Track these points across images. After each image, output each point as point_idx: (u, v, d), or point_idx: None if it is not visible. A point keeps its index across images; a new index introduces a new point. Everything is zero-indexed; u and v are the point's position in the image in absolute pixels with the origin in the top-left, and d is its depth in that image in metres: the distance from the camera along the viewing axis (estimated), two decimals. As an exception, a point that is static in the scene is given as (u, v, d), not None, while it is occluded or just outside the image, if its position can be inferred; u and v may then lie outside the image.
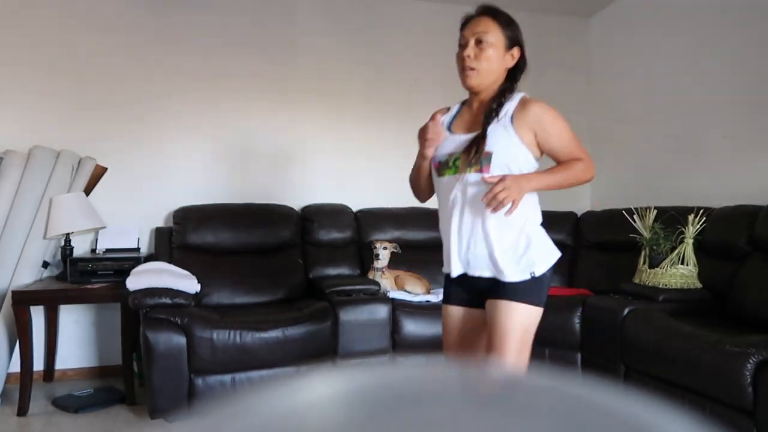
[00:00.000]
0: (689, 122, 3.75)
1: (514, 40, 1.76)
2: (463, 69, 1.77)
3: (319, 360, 2.94)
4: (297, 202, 3.91)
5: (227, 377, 2.77)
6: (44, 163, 3.30)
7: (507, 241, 1.69)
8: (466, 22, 1.81)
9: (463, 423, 0.25)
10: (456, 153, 1.74)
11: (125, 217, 3.64)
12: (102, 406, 3.01)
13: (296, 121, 4.02)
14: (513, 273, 1.67)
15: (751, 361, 2.15)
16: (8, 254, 3.18)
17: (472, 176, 1.69)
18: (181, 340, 2.68)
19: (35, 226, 3.25)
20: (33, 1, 3.55)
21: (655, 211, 3.26)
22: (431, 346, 3.12)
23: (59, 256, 3.39)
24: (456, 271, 1.75)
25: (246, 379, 2.80)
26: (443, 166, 1.77)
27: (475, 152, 1.68)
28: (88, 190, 3.48)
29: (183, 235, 3.50)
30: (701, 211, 3.13)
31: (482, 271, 1.72)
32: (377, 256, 3.47)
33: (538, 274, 1.68)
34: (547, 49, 4.44)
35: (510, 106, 1.72)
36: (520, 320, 1.67)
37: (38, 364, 3.42)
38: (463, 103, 1.91)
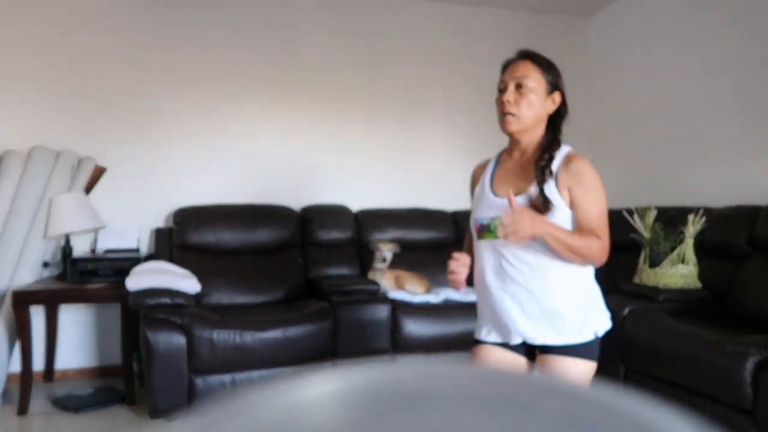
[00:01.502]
0: (689, 122, 3.75)
1: (554, 84, 1.72)
2: (503, 114, 1.67)
3: (319, 360, 2.94)
4: (297, 202, 3.91)
5: (227, 377, 2.77)
6: (44, 163, 3.30)
7: (566, 307, 1.59)
8: (506, 66, 1.73)
9: (463, 423, 0.25)
10: (499, 216, 1.59)
11: (125, 217, 3.64)
12: (102, 406, 3.01)
13: (296, 121, 4.02)
14: (574, 336, 1.60)
15: (751, 361, 2.15)
16: (8, 254, 3.18)
17: (519, 241, 1.56)
18: (181, 340, 2.68)
19: (35, 226, 3.25)
20: (33, 1, 3.55)
21: (655, 211, 3.26)
22: (431, 346, 3.12)
23: (59, 256, 3.39)
24: (509, 339, 1.64)
25: (246, 379, 2.80)
26: (484, 230, 1.67)
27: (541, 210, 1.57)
28: (88, 190, 3.48)
29: (183, 235, 3.50)
30: (701, 211, 3.13)
31: (537, 335, 1.61)
32: (384, 258, 3.44)
33: (600, 334, 1.63)
34: (547, 49, 4.42)
35: (556, 165, 1.62)
36: (578, 375, 1.61)
37: (38, 364, 3.42)
38: (501, 153, 1.82)
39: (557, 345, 1.60)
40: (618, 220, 3.51)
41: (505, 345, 1.67)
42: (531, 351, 1.68)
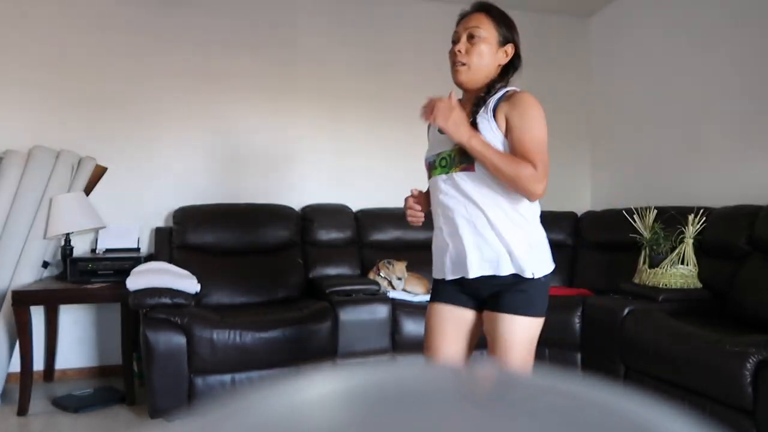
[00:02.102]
0: (689, 122, 3.75)
1: (508, 36, 1.69)
2: (454, 64, 1.70)
3: (319, 360, 2.94)
4: (297, 202, 3.91)
5: (227, 377, 2.77)
6: (44, 163, 3.30)
7: (517, 237, 1.61)
8: (461, 18, 1.75)
9: (463, 423, 0.25)
10: (443, 152, 1.69)
11: (125, 217, 3.64)
12: (102, 406, 3.01)
13: (296, 121, 4.02)
14: (507, 268, 1.60)
15: (751, 361, 2.15)
16: (8, 254, 3.18)
17: (459, 175, 1.63)
18: (181, 340, 2.68)
19: (35, 226, 3.25)
20: (33, 1, 3.55)
21: (655, 211, 3.26)
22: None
23: (59, 256, 3.39)
24: (449, 274, 1.69)
25: (246, 379, 2.80)
26: (432, 166, 1.74)
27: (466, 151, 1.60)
28: (88, 190, 3.48)
29: (183, 235, 3.50)
30: (701, 211, 3.13)
31: (490, 268, 1.62)
32: (400, 278, 3.43)
33: (537, 276, 1.61)
34: (547, 49, 4.44)
35: (496, 98, 1.64)
36: (524, 334, 1.61)
37: (38, 364, 3.42)
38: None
39: (494, 275, 1.62)
40: (618, 220, 3.53)
41: (451, 286, 1.72)
42: (479, 307, 1.72)
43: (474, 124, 1.60)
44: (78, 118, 3.60)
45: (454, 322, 1.76)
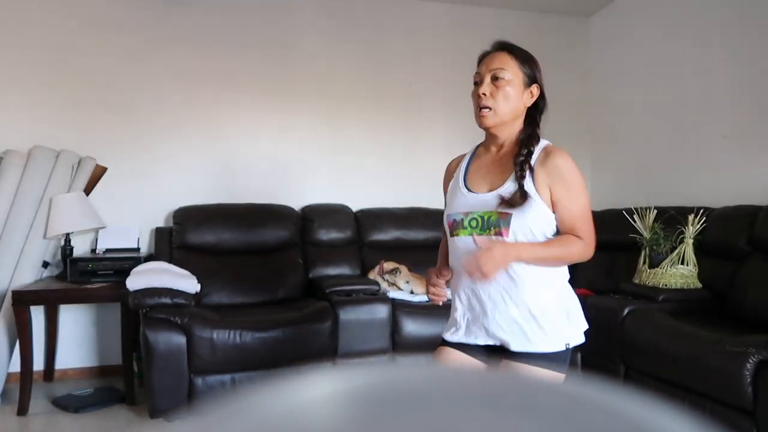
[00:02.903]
0: (689, 122, 3.75)
1: (532, 77, 1.61)
2: (479, 108, 1.59)
3: (319, 360, 2.94)
4: (297, 202, 3.91)
5: (227, 377, 2.77)
6: (44, 163, 3.30)
7: (538, 312, 1.52)
8: (482, 58, 1.64)
9: (463, 423, 0.25)
10: (474, 212, 1.56)
11: (125, 217, 3.64)
12: (102, 406, 3.01)
13: (296, 121, 4.02)
14: (542, 344, 1.51)
15: (751, 361, 2.15)
16: (8, 254, 3.18)
17: (491, 239, 1.51)
18: (181, 340, 2.68)
19: (35, 226, 3.25)
20: (34, 1, 3.55)
21: (655, 211, 3.26)
22: (431, 346, 3.11)
23: (59, 256, 3.39)
24: (478, 339, 1.58)
25: (246, 379, 2.80)
26: (458, 226, 1.59)
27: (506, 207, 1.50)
28: (88, 190, 3.48)
29: (183, 235, 3.50)
30: (701, 211, 3.13)
31: (501, 340, 1.54)
32: (407, 282, 3.43)
33: (571, 346, 1.53)
34: (547, 49, 4.43)
35: (533, 157, 1.55)
36: None
37: (38, 364, 3.42)
38: (478, 147, 1.74)
39: (524, 351, 1.52)
40: (618, 220, 3.52)
41: (468, 347, 1.62)
42: (493, 356, 1.61)
43: (524, 193, 1.51)
44: (78, 118, 3.60)
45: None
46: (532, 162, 1.54)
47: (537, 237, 1.51)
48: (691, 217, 3.12)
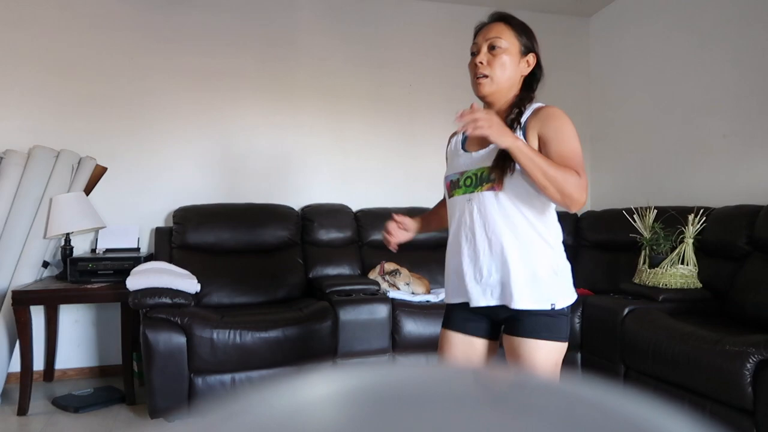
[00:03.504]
0: (689, 122, 3.75)
1: (529, 47, 1.64)
2: (475, 77, 1.61)
3: (319, 360, 2.94)
4: (297, 202, 3.91)
5: (227, 377, 2.77)
6: (44, 163, 3.30)
7: (529, 268, 1.53)
8: (479, 29, 1.67)
9: (463, 423, 0.25)
10: (468, 170, 1.59)
11: (125, 217, 3.64)
12: (102, 405, 3.01)
13: (296, 121, 4.02)
14: (528, 300, 1.51)
15: (751, 361, 2.15)
16: (8, 254, 3.18)
17: (485, 195, 1.54)
18: (181, 339, 2.68)
19: (35, 226, 3.25)
20: (33, 1, 3.55)
21: (655, 211, 3.26)
22: (431, 346, 3.12)
23: (59, 256, 3.39)
24: (472, 300, 1.58)
25: (246, 379, 2.80)
26: (454, 186, 1.63)
27: (500, 166, 1.51)
28: (88, 190, 3.48)
29: (183, 235, 3.50)
30: (701, 211, 3.13)
31: (496, 299, 1.55)
32: (407, 284, 3.43)
33: (558, 307, 1.53)
34: (547, 49, 4.42)
35: (525, 116, 1.58)
36: (546, 359, 1.53)
37: (38, 364, 3.42)
38: None
39: (512, 313, 1.54)
40: (618, 220, 3.53)
41: (464, 317, 1.64)
42: (496, 330, 1.64)
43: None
44: (78, 118, 3.60)
45: (465, 351, 1.69)
46: (523, 119, 1.56)
47: (529, 189, 1.52)
48: (691, 217, 3.12)
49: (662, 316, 2.72)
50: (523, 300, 1.52)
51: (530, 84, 1.66)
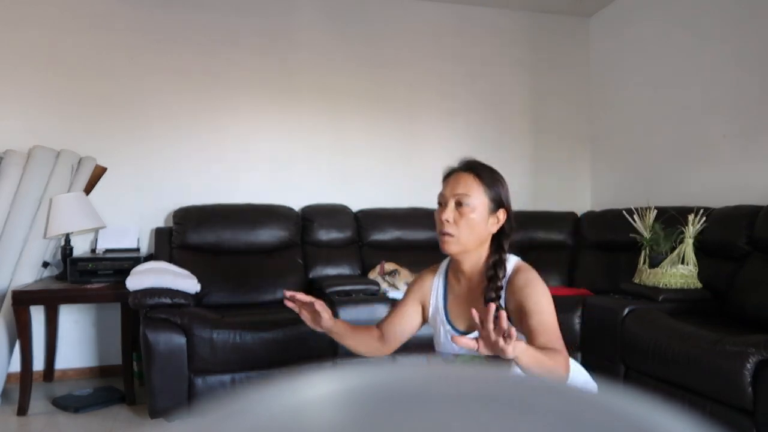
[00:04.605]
0: (689, 122, 3.75)
1: (498, 201, 1.56)
2: (441, 233, 1.55)
3: (319, 360, 2.94)
4: (297, 202, 3.91)
5: (227, 377, 2.77)
6: (44, 163, 3.30)
7: None
8: (447, 176, 1.60)
9: (463, 423, 0.25)
10: (462, 355, 1.53)
11: (125, 217, 3.64)
12: (102, 405, 3.01)
13: (296, 121, 4.02)
14: None
15: (751, 361, 2.15)
16: (8, 254, 3.18)
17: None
18: (181, 340, 2.68)
19: (35, 226, 3.25)
20: (33, 1, 3.55)
21: (655, 211, 3.26)
22: (431, 346, 3.11)
23: (59, 256, 3.39)
24: None
25: (246, 379, 2.80)
26: (450, 361, 1.59)
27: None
28: (88, 190, 3.48)
29: (183, 235, 3.50)
30: (701, 211, 3.13)
31: None
32: (407, 284, 3.43)
33: None
34: (547, 49, 4.44)
35: (503, 286, 1.52)
36: None
37: (38, 364, 3.42)
38: (447, 272, 1.70)
39: None
40: (618, 220, 3.53)
41: None
42: None
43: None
44: (78, 118, 3.60)
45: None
46: (502, 292, 1.51)
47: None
48: (691, 217, 3.12)
49: (662, 316, 2.72)
50: None
51: (499, 240, 1.58)
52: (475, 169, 1.57)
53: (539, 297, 1.48)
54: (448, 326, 1.61)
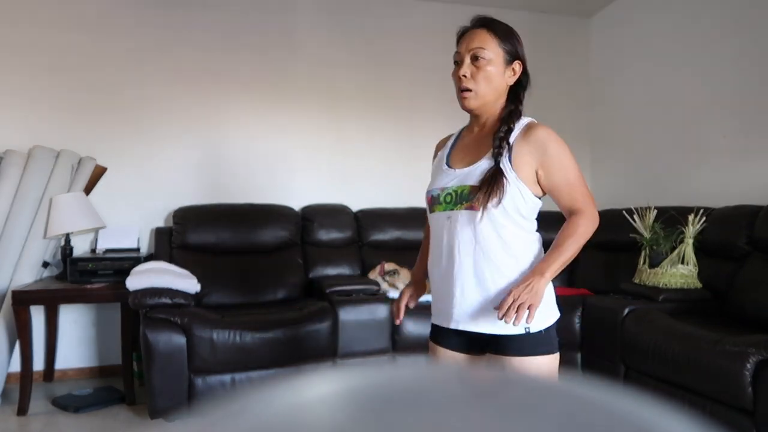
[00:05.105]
0: (689, 122, 3.75)
1: (514, 53, 1.56)
2: (460, 90, 1.55)
3: (319, 360, 2.94)
4: (297, 202, 3.91)
5: (227, 377, 2.77)
6: (44, 163, 3.30)
7: (501, 292, 1.47)
8: (461, 36, 1.60)
9: (463, 423, 0.25)
10: (449, 187, 1.54)
11: (125, 217, 3.64)
12: (102, 405, 3.01)
13: (296, 121, 4.02)
14: (500, 325, 1.44)
15: (751, 361, 2.15)
16: (8, 254, 3.18)
17: (463, 214, 1.49)
18: (181, 340, 2.68)
19: (35, 226, 3.25)
20: (32, 1, 3.55)
21: (655, 211, 3.26)
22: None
23: (59, 256, 3.39)
24: (450, 322, 1.54)
25: (246, 379, 2.80)
26: (435, 201, 1.58)
27: (487, 190, 1.45)
28: (88, 190, 3.48)
29: (183, 235, 3.50)
30: (701, 211, 3.13)
31: (474, 324, 1.50)
32: (405, 283, 3.43)
33: (533, 330, 1.46)
34: (547, 49, 4.44)
35: (513, 134, 1.51)
36: (540, 374, 1.45)
37: (38, 364, 3.42)
38: (463, 129, 1.71)
39: (486, 333, 1.49)
40: (618, 220, 3.52)
41: (446, 335, 1.59)
42: (479, 350, 1.58)
43: (499, 171, 1.46)
44: (78, 118, 3.60)
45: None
46: (512, 138, 1.50)
47: (510, 213, 1.47)
48: (691, 217, 3.12)
49: (662, 316, 2.72)
50: (496, 326, 1.46)
51: (516, 92, 1.59)
52: (488, 23, 1.58)
53: (560, 152, 1.49)
54: (444, 165, 1.61)
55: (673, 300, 2.92)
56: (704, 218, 3.10)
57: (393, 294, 3.30)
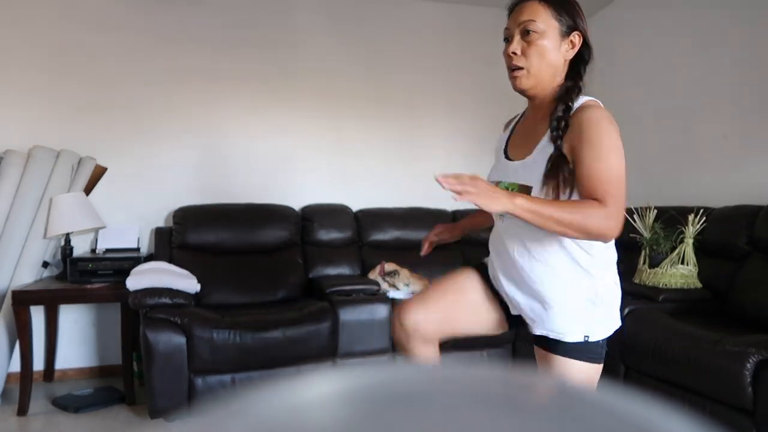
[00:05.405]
0: (689, 122, 3.75)
1: (571, 24, 1.38)
2: (510, 69, 1.39)
3: (319, 360, 2.94)
4: (297, 202, 3.91)
5: (227, 377, 2.77)
6: (44, 163, 3.30)
7: (559, 298, 1.37)
8: (511, 10, 1.42)
9: (463, 423, 0.25)
10: (503, 182, 1.41)
11: (125, 217, 3.64)
12: (102, 406, 3.01)
13: (296, 121, 4.02)
14: (562, 330, 1.36)
15: (751, 361, 2.15)
16: (8, 254, 3.18)
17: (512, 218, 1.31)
18: (181, 340, 2.68)
19: (35, 226, 3.25)
20: (32, 1, 3.55)
21: (655, 211, 3.26)
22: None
23: (59, 256, 3.39)
24: (506, 298, 1.49)
25: (246, 379, 2.80)
26: None
27: (555, 183, 1.30)
28: (88, 190, 3.48)
29: (183, 235, 3.50)
30: (701, 211, 3.13)
31: (538, 326, 1.42)
32: (407, 284, 3.42)
33: (593, 339, 1.35)
34: (547, 49, 4.44)
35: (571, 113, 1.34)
36: (578, 379, 1.35)
37: (38, 364, 3.42)
38: (526, 110, 1.57)
39: (542, 335, 1.41)
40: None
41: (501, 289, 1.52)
42: (516, 321, 1.53)
43: (561, 158, 1.30)
44: (78, 118, 3.60)
45: (474, 300, 1.53)
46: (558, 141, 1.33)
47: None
48: (691, 217, 3.12)
49: (662, 316, 2.72)
50: (556, 331, 1.37)
51: (577, 68, 1.42)
52: None
53: (598, 139, 1.27)
54: (501, 154, 1.51)
55: (673, 300, 2.92)
56: (704, 218, 3.10)
57: (393, 294, 3.31)
